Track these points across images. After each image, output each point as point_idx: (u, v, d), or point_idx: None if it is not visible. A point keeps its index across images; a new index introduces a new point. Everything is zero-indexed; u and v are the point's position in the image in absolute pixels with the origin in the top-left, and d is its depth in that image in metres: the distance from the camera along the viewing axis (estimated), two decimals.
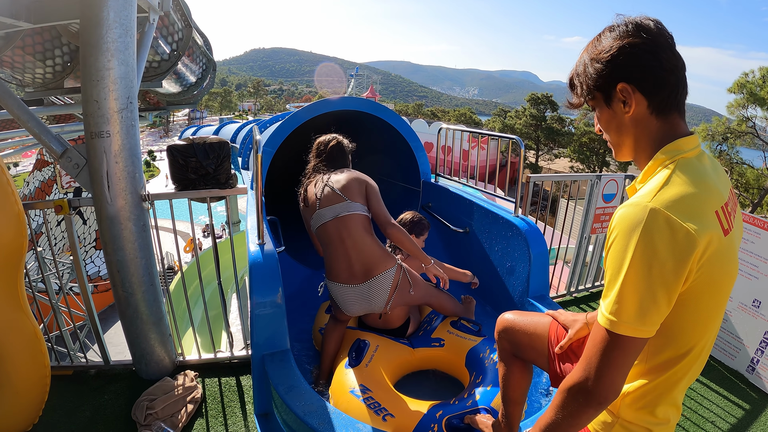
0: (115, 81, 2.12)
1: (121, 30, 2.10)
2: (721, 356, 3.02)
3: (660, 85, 0.89)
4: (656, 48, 0.87)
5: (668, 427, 0.99)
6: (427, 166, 3.96)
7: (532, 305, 2.67)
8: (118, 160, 2.20)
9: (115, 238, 2.29)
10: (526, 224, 2.84)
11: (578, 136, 28.74)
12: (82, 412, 2.34)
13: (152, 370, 2.57)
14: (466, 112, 57.82)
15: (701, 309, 0.88)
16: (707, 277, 0.83)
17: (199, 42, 5.04)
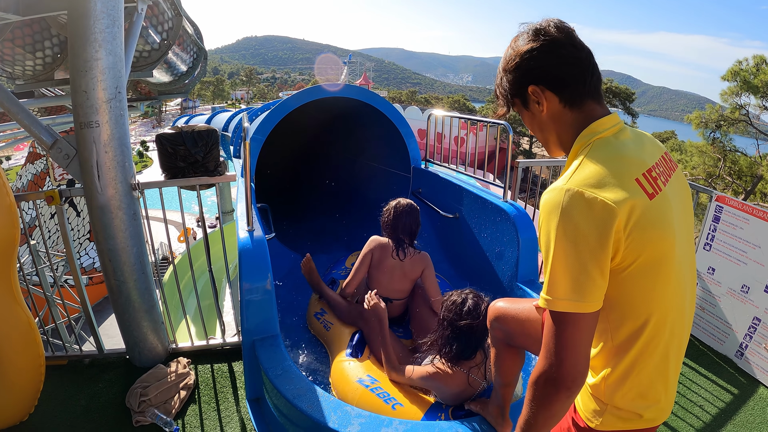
0: (104, 71, 2.14)
1: (108, 20, 2.11)
2: (710, 341, 3.10)
3: (565, 80, 0.94)
4: (555, 47, 0.93)
5: (658, 408, 0.99)
6: (417, 152, 3.99)
7: (521, 290, 2.73)
8: (108, 150, 2.22)
9: (106, 227, 2.33)
10: (514, 209, 2.89)
11: None
12: (77, 401, 2.38)
13: (145, 357, 2.63)
14: (459, 99, 57.54)
15: (647, 276, 0.89)
16: (642, 243, 0.86)
17: (189, 30, 5.00)
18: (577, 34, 0.96)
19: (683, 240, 0.95)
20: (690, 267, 1.00)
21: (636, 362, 0.94)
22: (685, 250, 0.96)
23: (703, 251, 3.20)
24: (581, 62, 0.93)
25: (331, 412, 1.73)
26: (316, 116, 4.79)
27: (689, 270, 0.99)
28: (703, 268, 3.19)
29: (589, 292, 0.84)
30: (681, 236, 0.93)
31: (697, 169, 15.59)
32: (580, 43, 0.94)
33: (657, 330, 0.93)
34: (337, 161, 5.30)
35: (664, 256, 0.89)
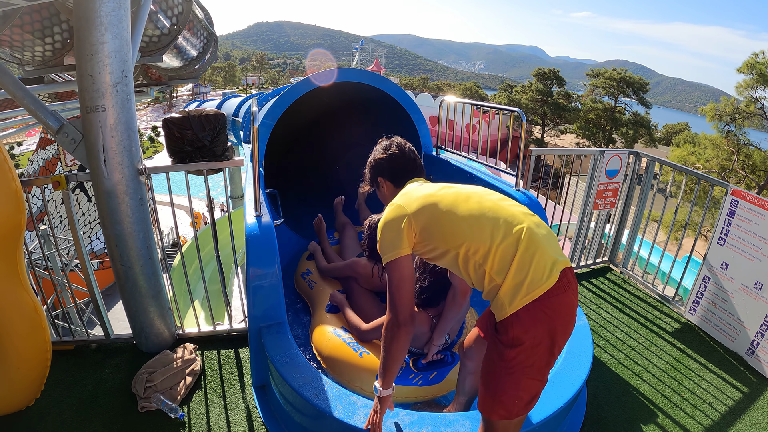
0: (109, 55, 2.08)
1: (114, 3, 2.05)
2: (721, 338, 3.03)
3: (394, 175, 1.76)
4: (392, 159, 1.77)
5: (537, 281, 1.31)
6: (428, 139, 3.91)
7: None
8: (114, 134, 2.18)
9: (112, 212, 2.30)
10: (527, 198, 2.82)
11: (584, 112, 28.17)
12: (84, 386, 2.38)
13: (152, 343, 2.62)
14: (471, 86, 56.73)
15: (447, 223, 1.44)
16: (432, 213, 1.46)
17: (199, 15, 4.93)
18: (411, 149, 1.83)
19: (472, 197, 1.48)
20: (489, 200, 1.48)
21: (504, 268, 1.35)
22: (477, 201, 1.47)
23: (716, 246, 3.11)
24: (404, 167, 1.76)
25: (337, 402, 1.72)
26: (328, 102, 4.71)
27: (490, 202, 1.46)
28: (716, 263, 3.10)
29: (401, 246, 1.46)
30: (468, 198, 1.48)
31: (710, 162, 15.27)
32: (405, 155, 1.78)
33: (493, 247, 1.36)
34: (350, 147, 5.24)
35: (459, 206, 1.44)
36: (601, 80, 27.85)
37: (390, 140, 1.83)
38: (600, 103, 28.06)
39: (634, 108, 28.21)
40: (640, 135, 27.15)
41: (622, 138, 27.47)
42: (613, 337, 2.96)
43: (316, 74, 3.41)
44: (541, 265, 1.32)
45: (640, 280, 3.71)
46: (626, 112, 28.19)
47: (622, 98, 27.93)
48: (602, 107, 27.75)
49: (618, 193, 3.79)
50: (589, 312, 3.23)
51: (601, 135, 27.86)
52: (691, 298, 3.25)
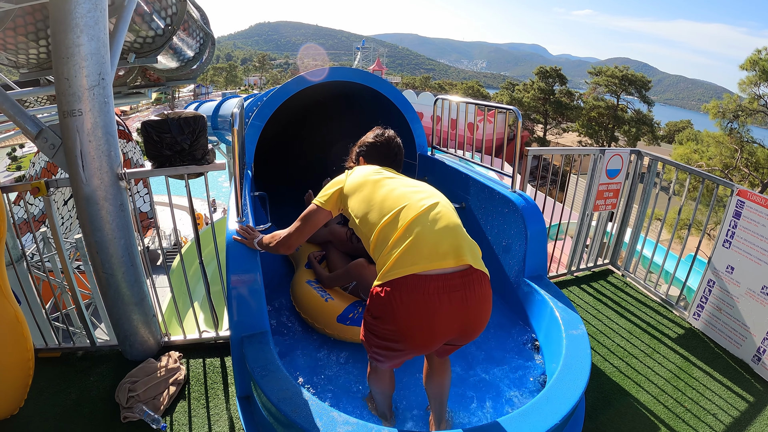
0: (86, 57, 2.01)
1: (89, 4, 1.98)
2: (726, 344, 2.92)
3: (371, 158, 1.98)
4: (376, 145, 1.99)
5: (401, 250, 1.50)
6: (423, 138, 3.81)
7: (528, 286, 2.57)
8: (92, 139, 2.11)
9: (92, 219, 2.23)
10: (523, 200, 2.72)
11: (587, 111, 27.96)
12: (68, 395, 2.32)
13: (137, 351, 2.56)
14: (473, 85, 56.52)
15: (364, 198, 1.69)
16: (358, 189, 1.74)
17: (195, 16, 4.86)
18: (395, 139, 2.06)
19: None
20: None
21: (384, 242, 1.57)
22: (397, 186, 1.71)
23: (721, 248, 3.00)
24: (385, 155, 1.99)
25: (317, 418, 1.63)
26: (319, 103, 4.64)
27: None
28: (721, 266, 2.99)
29: (323, 201, 1.81)
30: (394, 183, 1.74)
31: (713, 159, 15.08)
32: (394, 146, 2.03)
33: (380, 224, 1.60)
34: (346, 147, 5.17)
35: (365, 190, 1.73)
36: (603, 78, 27.64)
37: (383, 130, 2.04)
38: (602, 101, 27.87)
39: (636, 106, 28.02)
40: (642, 133, 26.94)
41: (624, 136, 27.26)
42: (613, 344, 2.85)
43: (307, 73, 3.32)
44: (413, 251, 1.47)
45: (642, 283, 3.60)
46: (628, 110, 27.99)
47: (625, 96, 27.74)
48: (604, 105, 27.55)
49: (619, 194, 3.68)
50: (589, 318, 3.13)
51: (603, 133, 27.65)
52: (695, 303, 3.14)
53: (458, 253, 1.49)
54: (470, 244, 1.57)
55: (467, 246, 1.54)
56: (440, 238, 1.50)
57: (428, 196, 1.63)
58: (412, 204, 1.57)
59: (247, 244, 2.06)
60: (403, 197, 1.61)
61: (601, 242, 3.82)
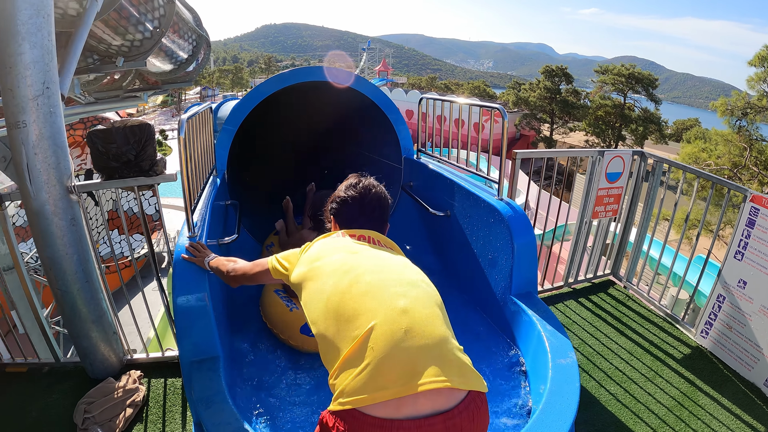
0: (28, 66, 1.87)
1: (31, 10, 1.84)
2: (737, 365, 2.68)
3: (342, 220, 1.54)
4: (345, 202, 1.52)
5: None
6: (408, 141, 3.60)
7: (514, 305, 2.36)
8: (38, 151, 1.96)
9: (43, 234, 2.08)
10: (510, 209, 2.48)
11: (593, 110, 27.51)
12: (29, 413, 2.25)
13: (98, 368, 2.44)
14: (480, 85, 56.17)
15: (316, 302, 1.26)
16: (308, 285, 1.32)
17: (186, 17, 4.73)
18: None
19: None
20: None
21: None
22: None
23: (733, 260, 2.75)
24: (360, 214, 1.52)
25: None
26: (299, 103, 4.48)
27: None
28: (732, 280, 2.75)
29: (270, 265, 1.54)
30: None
31: (722, 158, 14.64)
32: (370, 201, 1.54)
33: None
34: (332, 151, 4.99)
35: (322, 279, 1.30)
36: (610, 77, 27.14)
37: (359, 179, 1.58)
38: (609, 100, 27.40)
39: (643, 104, 27.52)
40: (650, 131, 26.40)
41: (631, 135, 26.75)
42: (611, 367, 2.62)
43: (282, 73, 3.14)
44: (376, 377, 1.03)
45: (645, 296, 3.37)
46: (636, 108, 27.48)
47: (631, 95, 27.25)
48: (611, 104, 27.07)
49: (621, 199, 3.44)
50: (586, 336, 2.90)
51: (610, 132, 27.16)
52: (703, 320, 2.90)
53: (443, 372, 1.04)
54: (461, 360, 1.11)
55: (458, 363, 1.09)
56: (416, 352, 1.06)
57: (403, 294, 1.17)
58: (382, 310, 1.12)
59: (197, 263, 1.88)
60: (369, 296, 1.16)
61: (602, 246, 3.57)
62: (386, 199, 1.58)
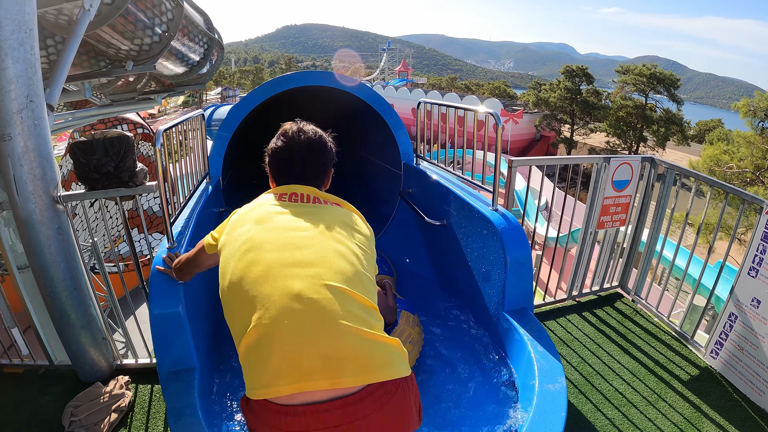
0: (11, 81, 1.89)
1: (13, 26, 1.86)
2: (747, 389, 2.49)
3: (274, 172, 1.39)
4: (275, 152, 1.38)
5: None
6: (408, 146, 3.50)
7: (507, 321, 2.25)
8: (23, 163, 1.99)
9: (31, 243, 2.12)
10: (504, 221, 2.35)
11: (614, 110, 26.77)
12: (21, 414, 2.30)
13: (88, 373, 2.48)
14: (500, 86, 55.50)
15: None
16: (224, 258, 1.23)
17: (197, 20, 4.76)
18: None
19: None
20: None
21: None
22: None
23: (747, 277, 2.56)
24: (289, 165, 1.37)
25: None
26: (308, 108, 4.44)
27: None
28: (745, 298, 2.56)
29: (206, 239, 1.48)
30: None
31: (744, 161, 14.00)
32: (301, 148, 1.36)
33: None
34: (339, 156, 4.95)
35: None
36: (631, 77, 26.33)
37: (292, 124, 1.38)
38: (630, 101, 26.64)
39: (665, 105, 26.66)
40: (671, 133, 25.52)
41: (653, 136, 25.94)
42: (611, 389, 2.47)
43: (279, 78, 3.10)
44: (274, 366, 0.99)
45: (654, 311, 3.20)
46: (657, 109, 26.63)
47: (653, 95, 26.43)
48: (632, 104, 26.29)
49: (629, 208, 3.27)
50: (587, 354, 2.74)
51: (631, 133, 26.39)
52: (713, 339, 2.72)
53: (334, 368, 0.98)
54: (364, 347, 1.02)
55: (359, 351, 1.01)
56: (306, 345, 0.99)
57: (302, 275, 1.06)
58: (276, 297, 1.04)
59: (171, 274, 1.85)
60: (265, 279, 1.07)
61: (607, 264, 3.40)
62: (321, 146, 1.37)
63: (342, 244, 1.16)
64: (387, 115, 3.35)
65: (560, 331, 2.98)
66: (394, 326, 2.21)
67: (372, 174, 4.21)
